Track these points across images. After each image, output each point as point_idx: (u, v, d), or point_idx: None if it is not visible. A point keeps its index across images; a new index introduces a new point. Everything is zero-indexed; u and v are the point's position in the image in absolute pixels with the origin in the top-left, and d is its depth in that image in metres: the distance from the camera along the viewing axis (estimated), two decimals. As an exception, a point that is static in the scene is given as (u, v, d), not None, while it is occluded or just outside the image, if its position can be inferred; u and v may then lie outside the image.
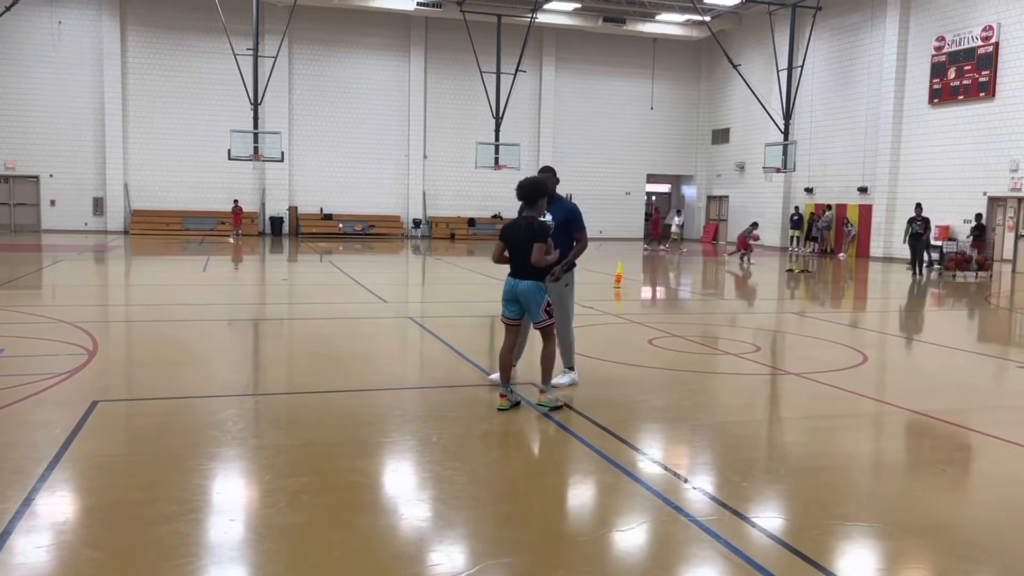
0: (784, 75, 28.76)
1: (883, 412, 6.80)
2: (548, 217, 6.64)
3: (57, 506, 4.23)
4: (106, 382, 7.17)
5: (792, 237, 31.30)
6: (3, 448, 5.10)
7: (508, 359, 6.37)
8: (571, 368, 7.20)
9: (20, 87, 30.23)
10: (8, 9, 24.11)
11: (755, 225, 25.21)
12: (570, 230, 6.88)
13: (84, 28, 30.77)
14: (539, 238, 6.20)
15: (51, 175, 31.19)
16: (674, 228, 29.16)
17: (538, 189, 6.37)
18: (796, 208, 31.58)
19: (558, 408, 6.24)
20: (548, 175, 6.88)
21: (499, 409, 6.20)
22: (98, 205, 31.81)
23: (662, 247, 26.92)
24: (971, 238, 22.58)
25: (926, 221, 21.28)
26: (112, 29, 30.83)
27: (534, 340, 6.84)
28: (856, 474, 5.19)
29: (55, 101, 30.68)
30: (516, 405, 6.30)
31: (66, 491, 4.46)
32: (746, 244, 23.93)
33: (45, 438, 5.29)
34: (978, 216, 23.61)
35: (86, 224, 31.65)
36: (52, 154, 30.96)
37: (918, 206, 21.50)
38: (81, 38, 30.76)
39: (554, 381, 6.66)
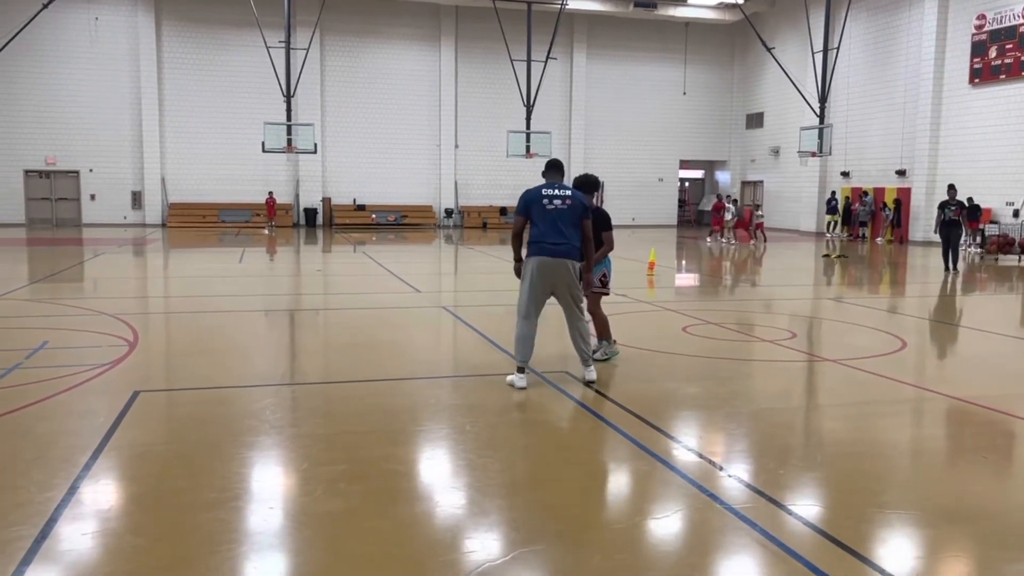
0: (819, 57, 28.25)
1: (923, 399, 6.69)
2: (558, 190, 6.68)
3: (101, 494, 4.33)
4: (147, 373, 7.30)
5: (829, 223, 30.70)
6: (49, 437, 5.22)
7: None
8: (521, 369, 6.61)
9: (59, 84, 30.76)
10: (46, 6, 24.52)
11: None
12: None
13: (120, 24, 31.20)
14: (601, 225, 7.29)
15: (91, 170, 31.73)
16: (728, 217, 28.67)
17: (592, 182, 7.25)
18: (832, 193, 31.03)
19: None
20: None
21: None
22: (136, 199, 32.31)
23: (732, 240, 26.32)
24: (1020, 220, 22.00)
25: (960, 206, 17.91)
26: (147, 25, 31.23)
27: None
28: (896, 461, 5.12)
29: (93, 97, 31.17)
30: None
31: (110, 479, 4.55)
32: (720, 223, 25.54)
33: (89, 427, 5.41)
34: None
35: (125, 218, 32.19)
36: (92, 149, 31.48)
37: (951, 188, 18.07)
38: (117, 34, 31.20)
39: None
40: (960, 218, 17.66)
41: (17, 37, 25.14)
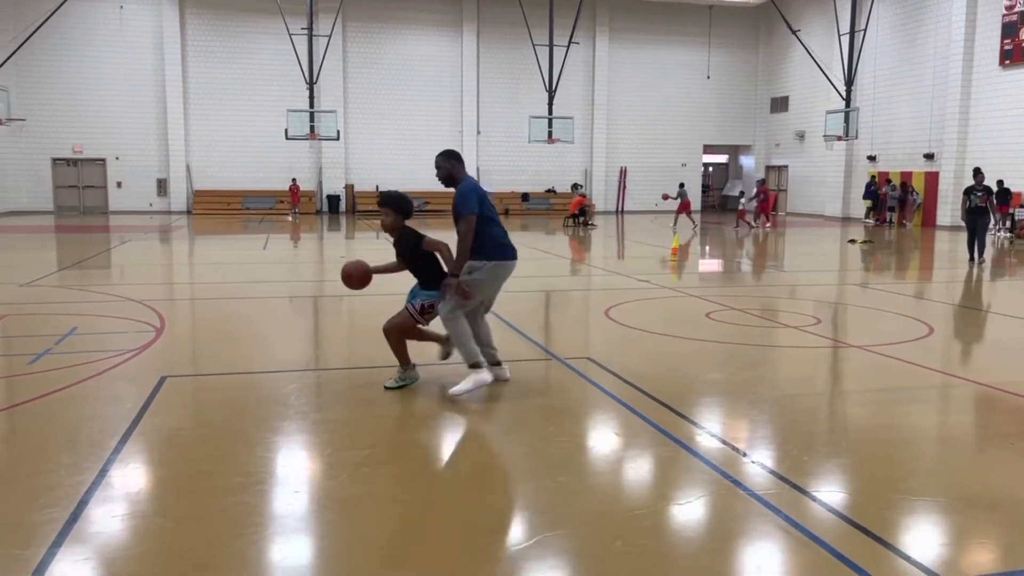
0: (846, 40, 27.88)
1: (950, 384, 6.62)
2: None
3: (130, 477, 4.40)
4: (173, 358, 7.39)
5: (867, 210, 29.81)
6: (79, 422, 5.31)
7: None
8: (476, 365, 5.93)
9: (86, 72, 31.04)
10: (72, -4, 24.75)
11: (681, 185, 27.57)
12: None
13: (145, 13, 31.40)
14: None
15: (117, 158, 32.06)
16: (743, 203, 28.68)
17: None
18: (873, 178, 29.99)
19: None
20: (437, 158, 6.16)
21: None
22: (162, 186, 32.61)
23: (763, 225, 26.26)
24: None
25: (988, 191, 16.06)
26: (172, 13, 31.41)
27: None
28: (921, 447, 5.08)
29: (119, 85, 31.44)
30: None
31: (138, 463, 4.62)
32: (765, 208, 26.35)
33: (117, 412, 5.49)
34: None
35: (151, 205, 32.51)
36: (118, 137, 31.79)
37: (977, 172, 16.28)
38: (142, 23, 31.41)
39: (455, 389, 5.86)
40: (987, 204, 15.99)
41: (44, 26, 25.40)
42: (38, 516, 3.81)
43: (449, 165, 6.08)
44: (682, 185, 27.97)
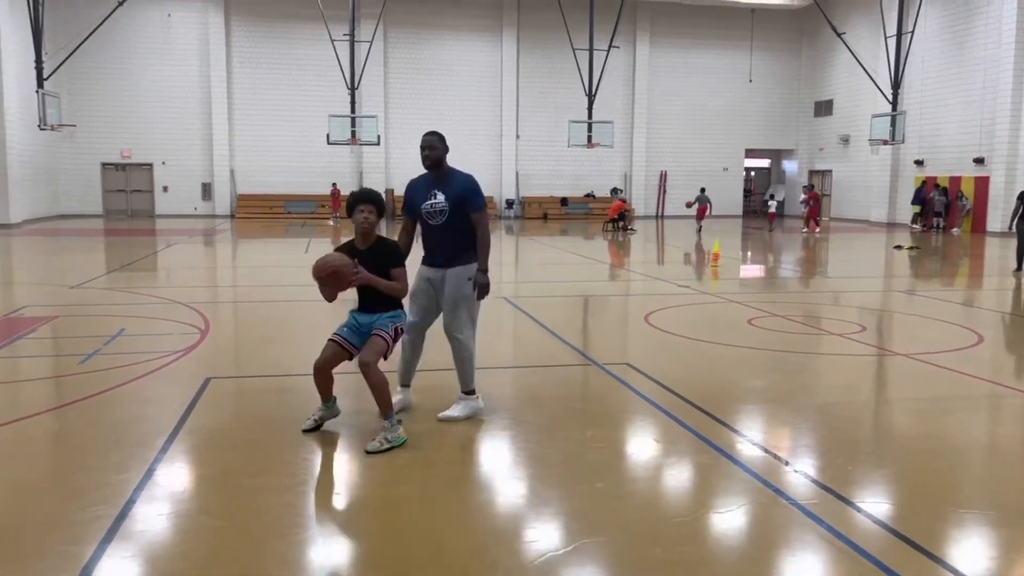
0: (892, 42, 27.39)
1: (1000, 395, 6.46)
2: (439, 198, 5.37)
3: (175, 476, 4.48)
4: (218, 360, 7.52)
5: (915, 214, 29.19)
6: (126, 422, 5.42)
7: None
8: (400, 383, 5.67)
9: (134, 79, 31.74)
10: (121, 4, 25.31)
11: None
12: (466, 210, 5.43)
13: (191, 21, 32.02)
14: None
15: (163, 162, 32.71)
16: (772, 206, 28.72)
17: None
18: (923, 182, 29.39)
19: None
20: (432, 138, 5.47)
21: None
22: (206, 190, 33.20)
23: (812, 230, 26.12)
24: None
25: None
26: (217, 21, 31.98)
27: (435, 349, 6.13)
28: (970, 459, 4.96)
29: (166, 92, 32.09)
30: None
31: (183, 462, 4.71)
32: (816, 213, 25.85)
33: (163, 412, 5.59)
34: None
35: (195, 209, 33.10)
36: (164, 142, 32.44)
37: None
38: (188, 31, 32.04)
39: (448, 413, 5.47)
40: None
41: (93, 35, 26.04)
42: (87, 513, 3.90)
43: (444, 149, 5.49)
44: (703, 190, 28.11)
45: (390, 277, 5.03)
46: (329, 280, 4.87)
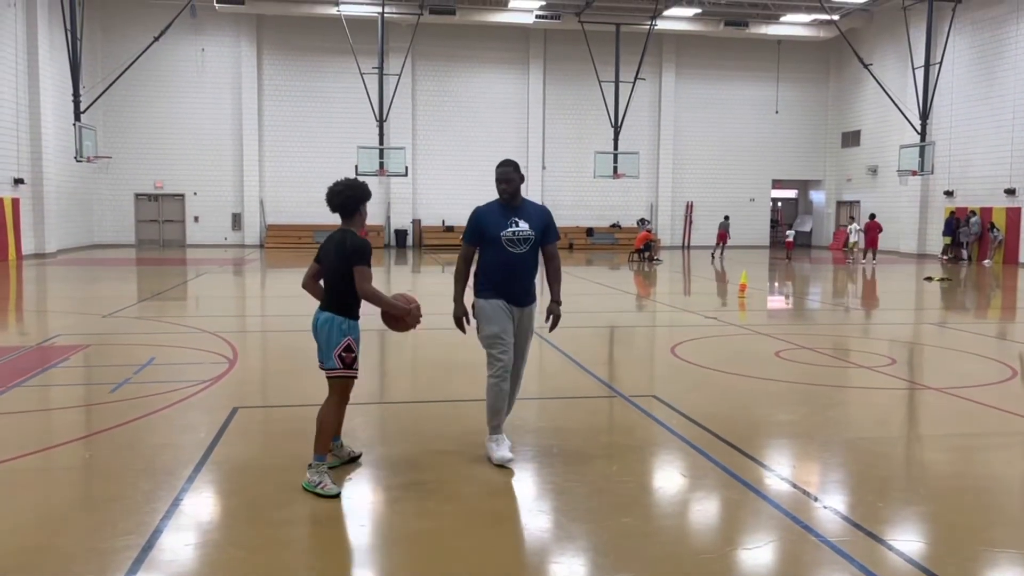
0: (920, 73, 27.28)
1: (1035, 431, 6.32)
2: (522, 225, 5.28)
3: (202, 506, 4.51)
4: (245, 389, 7.58)
5: (946, 245, 28.82)
6: (154, 450, 5.48)
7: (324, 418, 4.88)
8: (495, 430, 5.30)
9: (169, 112, 32.42)
10: (156, 39, 25.93)
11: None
12: (545, 240, 5.42)
13: (224, 55, 32.71)
14: (356, 260, 4.72)
15: (195, 193, 33.25)
16: (790, 235, 29.10)
17: (356, 195, 4.85)
18: (952, 213, 28.91)
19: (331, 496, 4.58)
20: (509, 169, 5.42)
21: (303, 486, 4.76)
22: (236, 221, 33.66)
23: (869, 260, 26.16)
24: None
25: None
26: (249, 55, 32.64)
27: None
28: (1005, 497, 4.86)
29: (199, 124, 32.72)
30: (355, 459, 5.24)
31: (210, 492, 4.74)
32: (875, 242, 25.74)
33: (191, 441, 5.64)
34: None
35: (226, 239, 33.55)
36: (196, 173, 33.01)
37: None
38: (221, 64, 32.71)
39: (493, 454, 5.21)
40: None
41: (129, 69, 26.65)
42: (116, 542, 3.93)
43: (520, 178, 5.43)
44: (727, 218, 29.79)
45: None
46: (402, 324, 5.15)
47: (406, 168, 29.34)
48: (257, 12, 31.28)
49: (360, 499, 4.72)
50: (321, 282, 5.08)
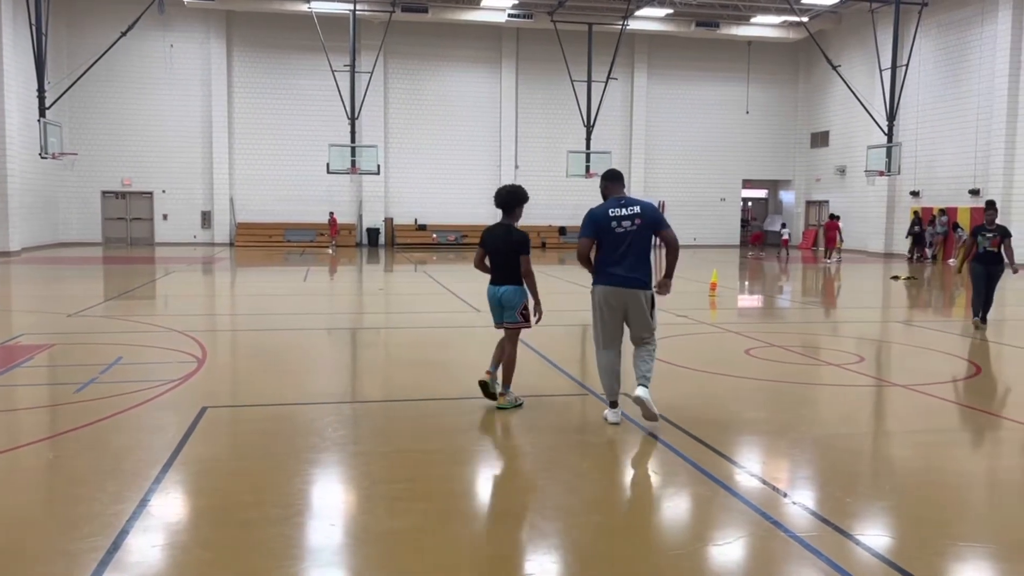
0: (887, 75, 27.66)
1: (999, 426, 6.44)
2: (625, 208, 6.29)
3: (170, 507, 4.45)
4: (214, 389, 7.49)
5: (911, 245, 29.21)
6: (122, 451, 5.39)
7: (513, 361, 6.66)
8: (614, 404, 6.25)
9: (136, 108, 31.97)
10: (124, 34, 25.54)
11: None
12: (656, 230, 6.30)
13: (193, 51, 32.32)
14: (518, 247, 6.46)
15: (163, 191, 32.82)
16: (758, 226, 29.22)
17: (515, 198, 6.54)
18: (916, 214, 29.40)
19: (518, 406, 6.52)
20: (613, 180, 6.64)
21: (498, 408, 6.49)
22: (206, 219, 33.29)
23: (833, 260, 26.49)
24: None
25: (1003, 233, 11.40)
26: (219, 51, 32.28)
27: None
28: (970, 492, 4.94)
29: (167, 120, 32.30)
30: (519, 406, 6.56)
31: (178, 493, 4.67)
32: (834, 242, 26.31)
33: (159, 441, 5.57)
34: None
35: (195, 237, 33.16)
36: (165, 171, 32.58)
37: (989, 207, 11.73)
38: (190, 60, 32.31)
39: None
40: (1000, 249, 11.40)
41: (96, 64, 26.22)
42: (81, 544, 3.87)
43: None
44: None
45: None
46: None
47: (378, 166, 29.19)
48: (227, 8, 30.94)
49: (331, 498, 4.69)
50: (486, 261, 6.67)
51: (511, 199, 6.54)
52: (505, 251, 6.49)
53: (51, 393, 7.36)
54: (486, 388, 6.51)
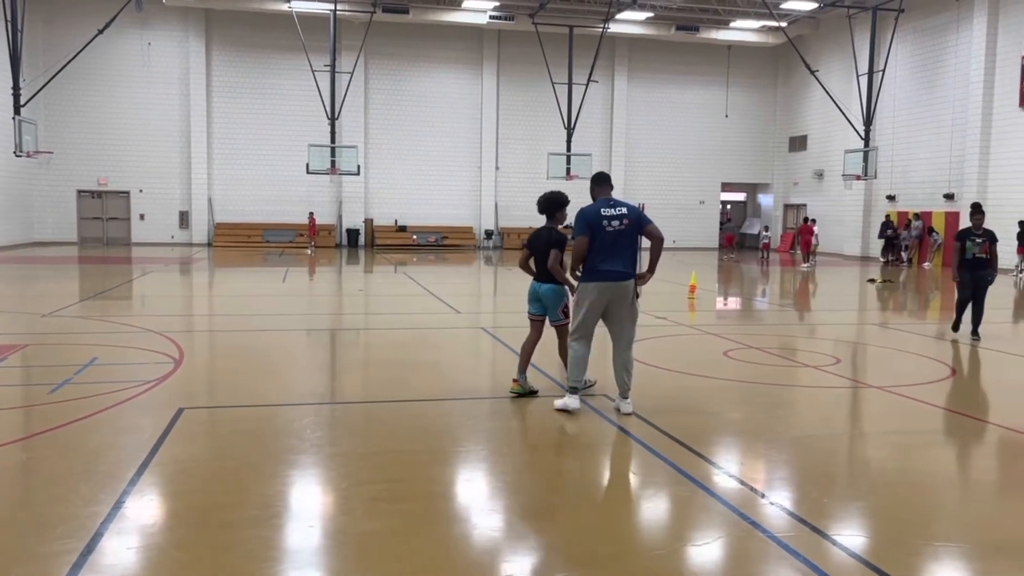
0: (864, 80, 27.97)
1: (972, 428, 6.52)
2: (614, 209, 6.52)
3: (146, 509, 4.40)
4: (191, 390, 7.43)
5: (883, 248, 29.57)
6: (97, 452, 5.33)
7: (530, 350, 7.10)
8: (573, 390, 6.58)
9: (113, 106, 31.64)
10: (101, 32, 25.29)
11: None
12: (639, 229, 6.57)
13: (171, 50, 32.04)
14: (555, 245, 6.91)
15: (141, 190, 32.50)
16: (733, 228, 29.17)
17: (554, 204, 7.14)
18: (887, 217, 29.79)
19: (532, 392, 6.99)
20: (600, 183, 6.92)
21: (511, 392, 6.94)
22: (184, 219, 33.00)
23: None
24: None
25: (991, 238, 10.87)
26: (198, 50, 32.03)
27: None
28: (944, 492, 5.00)
29: (145, 120, 31.99)
30: (532, 393, 6.97)
31: (154, 494, 4.63)
32: (809, 246, 26.21)
33: (135, 443, 5.51)
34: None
35: (172, 237, 32.87)
36: (142, 170, 32.26)
37: (977, 210, 11.02)
38: (169, 59, 32.04)
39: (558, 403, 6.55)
40: (988, 254, 10.83)
41: (72, 62, 25.94)
42: (54, 547, 3.82)
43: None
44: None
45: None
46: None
47: (358, 167, 29.10)
48: (206, 6, 30.71)
49: (309, 499, 4.66)
50: (531, 263, 7.13)
51: (549, 205, 7.15)
52: (546, 251, 6.94)
53: (24, 394, 7.26)
54: (522, 391, 6.96)
